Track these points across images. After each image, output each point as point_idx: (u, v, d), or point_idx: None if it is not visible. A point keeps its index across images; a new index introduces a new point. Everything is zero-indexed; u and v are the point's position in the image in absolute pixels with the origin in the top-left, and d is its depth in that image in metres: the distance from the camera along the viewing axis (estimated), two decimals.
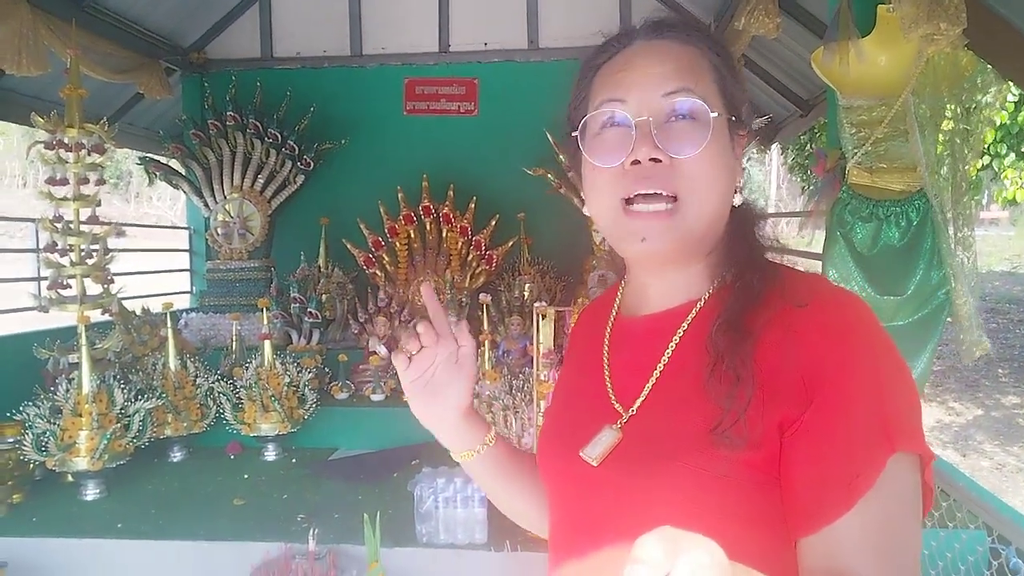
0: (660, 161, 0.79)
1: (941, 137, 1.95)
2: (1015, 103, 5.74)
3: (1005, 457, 6.11)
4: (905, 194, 1.81)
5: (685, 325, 0.85)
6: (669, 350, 0.84)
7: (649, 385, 0.84)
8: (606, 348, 0.94)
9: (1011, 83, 2.17)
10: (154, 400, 3.05)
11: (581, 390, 0.96)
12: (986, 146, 5.90)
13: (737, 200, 0.87)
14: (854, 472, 0.69)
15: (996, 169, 6.20)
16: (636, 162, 0.80)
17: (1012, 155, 6.09)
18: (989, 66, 1.83)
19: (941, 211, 1.82)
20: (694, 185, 0.80)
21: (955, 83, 1.87)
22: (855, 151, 1.84)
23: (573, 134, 0.87)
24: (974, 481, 2.10)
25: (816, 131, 5.75)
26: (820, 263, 2.09)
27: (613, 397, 0.88)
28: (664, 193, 0.80)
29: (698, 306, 0.86)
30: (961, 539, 1.75)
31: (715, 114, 0.80)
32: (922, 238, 1.81)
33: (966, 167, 2.05)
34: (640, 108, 0.81)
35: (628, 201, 0.81)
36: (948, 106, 1.92)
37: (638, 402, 0.84)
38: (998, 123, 5.81)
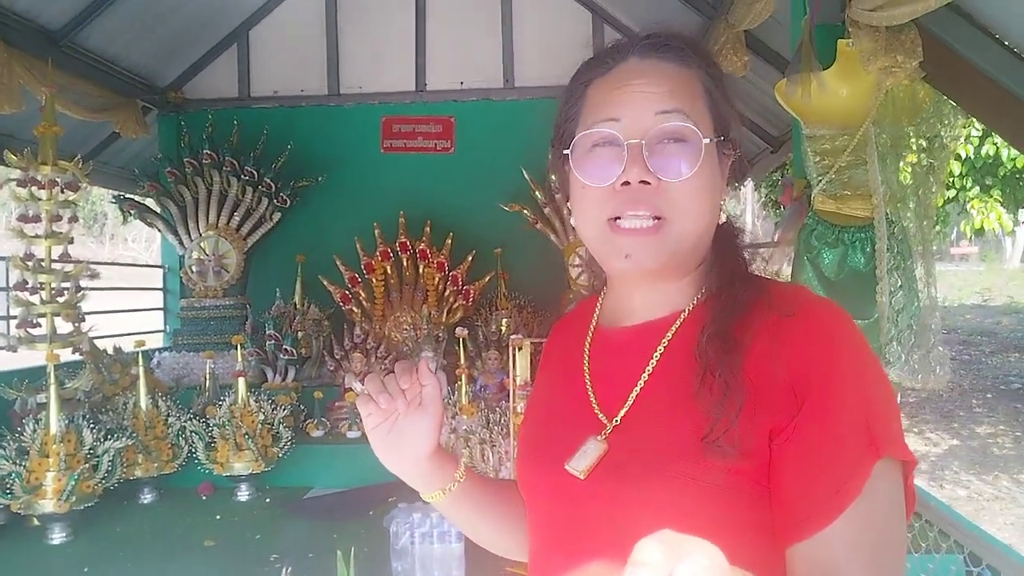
0: (649, 183, 0.80)
1: (908, 169, 2.01)
2: (979, 137, 5.90)
3: (981, 486, 6.15)
4: (869, 220, 1.86)
5: (670, 335, 0.85)
6: (654, 360, 0.84)
7: (633, 395, 0.84)
8: (586, 359, 0.93)
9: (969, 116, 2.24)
10: (124, 440, 2.99)
11: (560, 402, 0.94)
12: (951, 179, 6.05)
13: (722, 217, 0.88)
14: (842, 479, 0.70)
15: (961, 201, 6.34)
16: (626, 183, 0.80)
17: (976, 188, 6.23)
18: (935, 99, 1.91)
19: (907, 241, 1.87)
20: (682, 207, 0.81)
21: (914, 114, 1.94)
22: (820, 179, 1.88)
23: (565, 152, 0.87)
24: (947, 505, 2.11)
25: (786, 167, 5.86)
26: None
27: (597, 408, 0.87)
28: (651, 215, 0.80)
29: (683, 316, 0.86)
30: (935, 560, 1.75)
31: (707, 140, 0.81)
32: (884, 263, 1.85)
33: (931, 200, 2.10)
34: (633, 129, 0.81)
35: (616, 219, 0.82)
36: (911, 138, 1.99)
37: (622, 412, 0.84)
38: (963, 156, 5.96)
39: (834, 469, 0.71)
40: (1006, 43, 1.88)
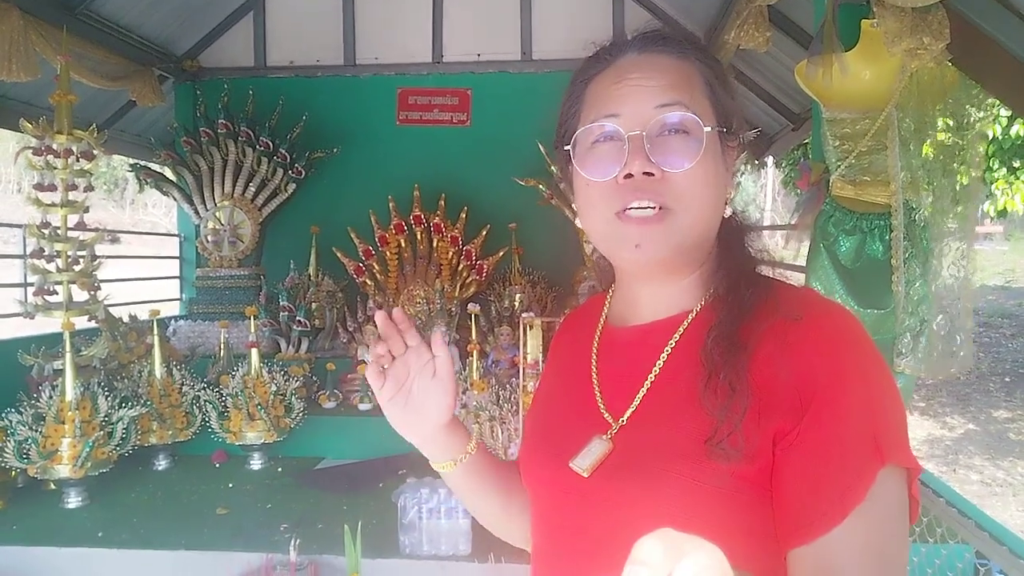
0: (652, 175, 0.80)
1: (930, 151, 1.96)
2: (1008, 117, 5.78)
3: (994, 471, 6.11)
4: (888, 207, 1.82)
5: (677, 336, 0.85)
6: (660, 361, 0.84)
7: (640, 396, 0.84)
8: (594, 358, 0.93)
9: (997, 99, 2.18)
10: (139, 408, 3.03)
11: (567, 399, 0.95)
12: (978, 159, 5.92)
13: (727, 211, 0.87)
14: (846, 484, 0.70)
15: (987, 182, 6.24)
16: (629, 176, 0.80)
17: (1004, 169, 6.13)
18: (961, 82, 1.85)
19: (927, 225, 1.83)
20: (685, 198, 0.80)
21: (940, 98, 1.88)
22: (839, 164, 1.84)
23: (565, 148, 0.87)
24: (959, 494, 2.09)
25: (808, 145, 5.79)
26: (804, 275, 2.10)
27: (603, 407, 0.87)
28: (656, 205, 0.80)
29: (690, 317, 0.86)
30: (942, 554, 1.74)
31: (708, 128, 0.80)
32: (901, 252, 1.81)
33: (956, 180, 2.05)
34: (633, 122, 0.81)
35: (622, 211, 0.82)
36: (938, 120, 1.93)
37: (628, 412, 0.84)
38: (990, 136, 5.85)
39: (838, 474, 0.70)
40: None
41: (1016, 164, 5.96)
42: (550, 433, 0.94)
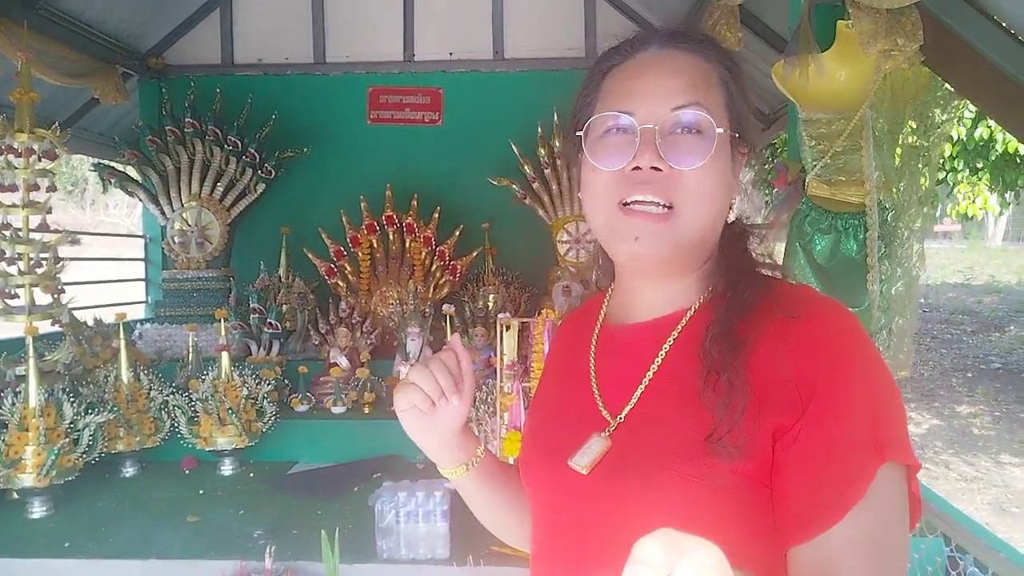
0: (660, 170, 0.80)
1: (899, 151, 1.99)
2: (972, 119, 5.91)
3: (960, 466, 6.25)
4: (863, 207, 1.84)
5: (675, 334, 0.85)
6: (659, 359, 0.84)
7: (638, 393, 0.84)
8: (592, 356, 0.94)
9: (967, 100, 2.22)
10: (105, 414, 2.95)
11: (566, 398, 0.95)
12: (942, 160, 6.08)
13: (731, 216, 0.87)
14: (846, 482, 0.70)
15: (951, 183, 6.38)
16: (637, 168, 0.80)
17: (967, 170, 6.27)
18: (933, 84, 1.88)
19: (897, 224, 1.86)
20: (691, 197, 0.80)
21: (913, 99, 1.91)
22: (815, 164, 1.86)
23: (577, 133, 0.88)
24: (931, 491, 2.12)
25: (776, 146, 5.88)
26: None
27: (601, 405, 0.87)
28: (660, 202, 0.80)
29: (688, 315, 0.86)
30: (920, 548, 1.77)
31: (720, 130, 0.80)
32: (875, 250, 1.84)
33: (921, 181, 2.09)
34: (647, 118, 0.81)
35: (626, 204, 0.82)
36: (909, 121, 1.97)
37: (626, 410, 0.84)
38: (955, 138, 5.98)
39: (838, 472, 0.70)
40: (1005, 26, 1.85)
41: (979, 165, 6.11)
42: (549, 432, 0.94)
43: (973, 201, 6.29)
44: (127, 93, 4.64)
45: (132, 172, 4.55)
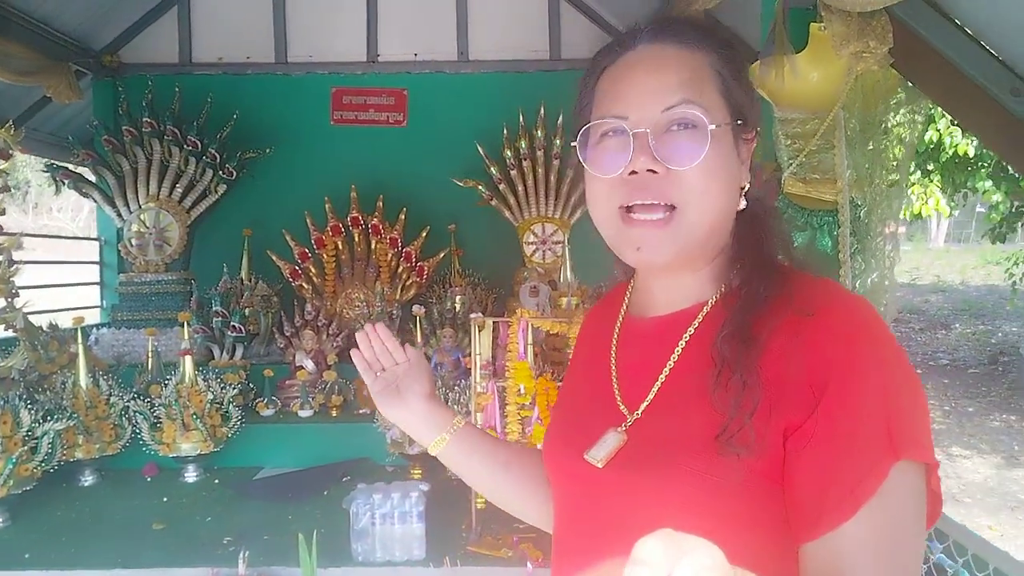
0: (657, 172, 0.79)
1: (869, 152, 2.05)
2: (922, 123, 6.11)
3: None
4: (836, 204, 1.89)
5: (691, 329, 0.85)
6: (675, 354, 0.84)
7: (655, 388, 0.84)
8: (614, 348, 0.94)
9: (934, 104, 2.29)
10: (64, 421, 2.86)
11: (588, 390, 0.95)
12: (895, 163, 6.25)
13: (742, 203, 0.86)
14: (857, 479, 0.69)
15: (903, 185, 6.57)
16: (633, 172, 0.80)
17: (918, 172, 6.46)
18: (909, 85, 1.94)
19: (870, 220, 1.91)
20: (692, 195, 0.80)
21: (883, 100, 1.97)
22: (790, 162, 1.91)
23: (572, 144, 0.88)
24: None
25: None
26: None
27: (619, 398, 0.88)
28: (661, 203, 0.80)
29: (704, 310, 0.86)
30: None
31: (713, 126, 0.80)
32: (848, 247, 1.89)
33: (883, 183, 2.15)
34: (639, 121, 0.80)
35: (629, 209, 0.81)
36: (878, 123, 2.03)
37: (643, 405, 0.84)
38: (906, 140, 6.16)
39: (849, 468, 0.70)
40: (967, 30, 1.92)
41: (929, 167, 6.30)
42: (570, 424, 0.94)
43: (926, 202, 6.49)
44: (80, 92, 4.50)
45: (87, 173, 4.41)
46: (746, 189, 0.87)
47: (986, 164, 6.27)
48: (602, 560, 0.81)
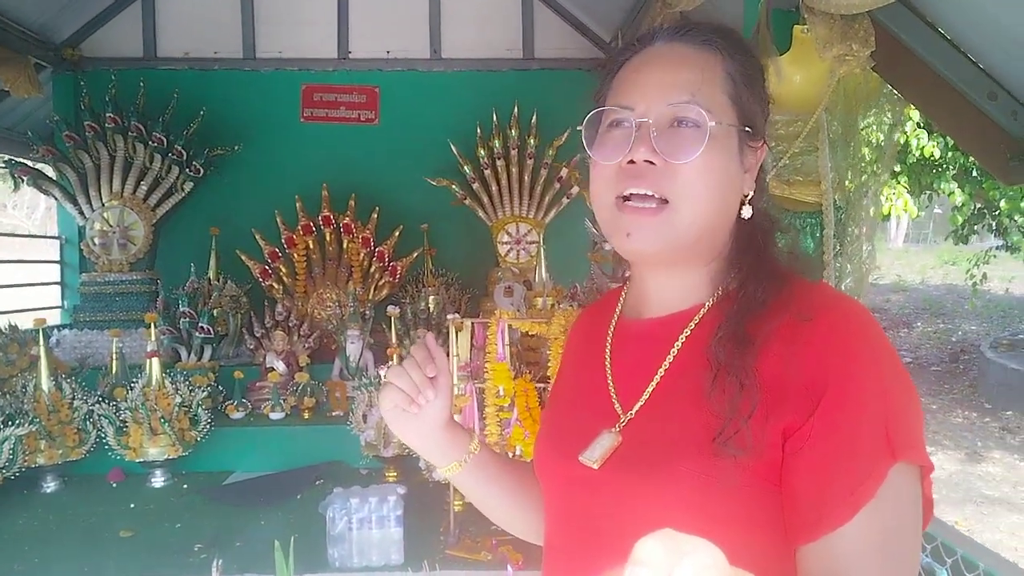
0: (655, 164, 0.80)
1: (850, 155, 2.07)
2: (889, 125, 6.23)
3: None
4: (819, 206, 1.91)
5: (687, 331, 0.85)
6: (671, 355, 0.84)
7: (650, 389, 0.84)
8: (608, 349, 0.93)
9: (911, 108, 2.33)
10: (26, 426, 2.76)
11: (581, 391, 0.95)
12: (863, 165, 6.38)
13: (746, 212, 0.86)
14: (856, 481, 0.69)
15: (871, 187, 6.71)
16: (632, 162, 0.81)
17: (886, 174, 6.59)
18: (889, 88, 1.97)
19: (848, 223, 1.93)
20: (686, 191, 0.80)
21: (865, 103, 1.99)
22: (774, 164, 1.92)
23: (578, 128, 0.90)
24: None
25: None
26: None
27: (615, 398, 0.87)
28: (655, 195, 0.80)
29: (701, 312, 0.86)
30: None
31: (713, 123, 0.80)
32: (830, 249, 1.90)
33: (863, 184, 2.18)
34: (644, 112, 0.82)
35: (625, 198, 0.82)
36: (860, 126, 2.05)
37: (637, 406, 0.84)
38: (873, 143, 6.29)
39: (848, 471, 0.70)
40: (946, 35, 1.94)
41: (897, 169, 6.42)
42: (563, 425, 0.94)
43: (894, 203, 6.63)
44: (40, 86, 4.36)
45: (47, 169, 4.28)
46: (749, 197, 0.87)
47: (951, 166, 6.42)
48: (599, 561, 0.80)
